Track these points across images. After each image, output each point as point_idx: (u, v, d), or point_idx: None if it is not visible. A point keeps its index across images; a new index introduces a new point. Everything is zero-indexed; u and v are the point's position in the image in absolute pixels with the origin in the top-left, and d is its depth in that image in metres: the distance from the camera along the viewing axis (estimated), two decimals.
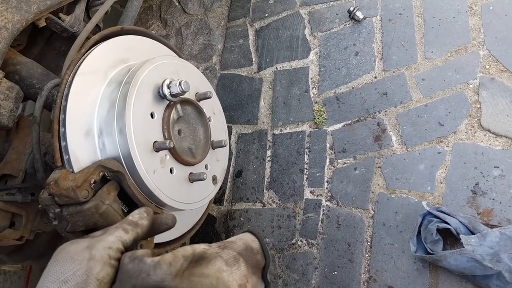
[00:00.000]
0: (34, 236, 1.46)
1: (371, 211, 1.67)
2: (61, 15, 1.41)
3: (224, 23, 2.55)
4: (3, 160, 1.30)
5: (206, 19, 2.63)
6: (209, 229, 2.02)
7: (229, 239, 0.79)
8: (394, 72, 1.84)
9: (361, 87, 1.89)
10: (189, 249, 0.68)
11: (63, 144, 0.96)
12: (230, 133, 2.16)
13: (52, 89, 1.11)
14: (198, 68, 2.45)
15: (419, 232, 1.48)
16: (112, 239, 0.65)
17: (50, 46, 1.67)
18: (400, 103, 1.77)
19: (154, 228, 0.78)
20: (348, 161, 1.79)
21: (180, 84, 1.06)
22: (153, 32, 2.64)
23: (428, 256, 1.42)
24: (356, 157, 1.78)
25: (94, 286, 0.58)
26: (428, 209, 1.50)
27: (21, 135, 1.35)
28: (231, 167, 2.10)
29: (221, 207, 2.05)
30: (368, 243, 1.63)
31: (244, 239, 0.78)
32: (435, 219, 1.44)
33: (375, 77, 1.87)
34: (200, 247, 0.70)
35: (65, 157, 0.96)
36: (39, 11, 1.21)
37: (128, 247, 0.68)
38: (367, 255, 1.62)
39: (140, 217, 0.74)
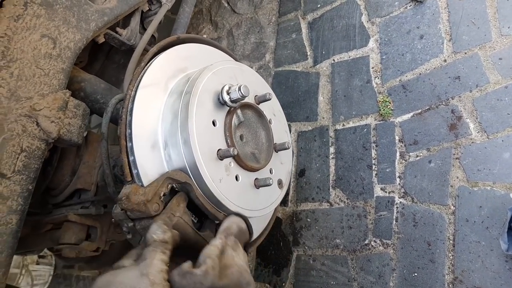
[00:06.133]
0: (110, 246, 1.52)
1: (452, 207, 1.53)
2: (118, 29, 1.45)
3: (275, 19, 2.49)
4: (75, 175, 1.36)
5: (256, 17, 2.59)
6: (276, 231, 1.99)
7: (225, 225, 0.91)
8: (466, 53, 1.68)
9: (429, 73, 1.75)
10: (215, 250, 0.79)
11: (131, 158, 0.96)
12: (289, 132, 2.10)
13: (116, 105, 1.12)
14: (251, 67, 2.43)
15: (509, 228, 1.34)
16: (159, 263, 0.72)
17: (110, 60, 1.72)
18: (475, 87, 1.61)
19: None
20: (421, 154, 1.66)
21: (239, 89, 1.03)
22: (207, 37, 2.66)
23: None
24: (430, 149, 1.65)
25: None
26: None
27: (90, 149, 1.40)
28: (293, 166, 2.04)
29: (286, 208, 2.00)
30: (451, 242, 1.50)
31: (236, 223, 0.91)
32: None
33: (445, 61, 1.72)
34: (216, 243, 0.81)
35: (134, 172, 0.96)
36: (97, 28, 1.23)
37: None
38: (450, 255, 1.49)
39: (162, 231, 0.80)
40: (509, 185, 1.43)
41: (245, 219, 0.94)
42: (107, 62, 1.72)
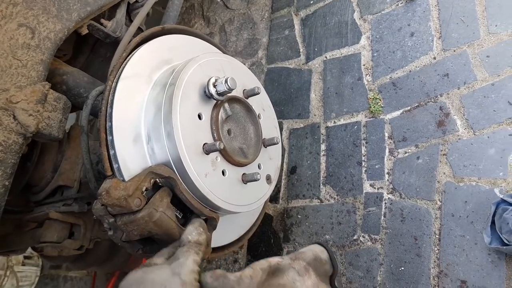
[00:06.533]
0: (95, 244, 1.48)
1: (438, 202, 1.53)
2: (102, 21, 1.40)
3: (268, 15, 2.47)
4: (57, 171, 1.32)
5: (249, 12, 2.56)
6: (267, 228, 1.96)
7: (299, 250, 0.85)
8: (455, 51, 1.67)
9: (419, 70, 1.73)
10: (264, 263, 0.75)
11: (111, 152, 0.93)
12: (281, 129, 2.08)
13: (97, 97, 1.09)
14: (244, 64, 2.40)
15: (493, 222, 1.35)
16: (192, 263, 0.70)
17: (95, 53, 1.68)
18: (463, 84, 1.60)
19: None
20: (409, 150, 1.65)
21: (226, 81, 1.00)
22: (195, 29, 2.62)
23: (504, 247, 1.30)
24: (418, 145, 1.63)
25: None
26: (501, 196, 1.37)
27: (73, 145, 1.36)
28: (284, 163, 2.02)
29: (277, 205, 1.98)
30: (437, 236, 1.50)
31: (313, 250, 0.83)
32: (511, 207, 1.30)
33: (434, 58, 1.71)
34: (274, 260, 0.77)
35: (115, 166, 0.93)
36: (80, 18, 1.19)
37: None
38: (436, 249, 1.49)
39: (198, 233, 0.79)
40: (493, 181, 1.44)
41: (327, 249, 0.88)
42: (92, 56, 1.67)
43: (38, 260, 2.88)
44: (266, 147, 1.25)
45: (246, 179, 1.11)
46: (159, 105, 0.96)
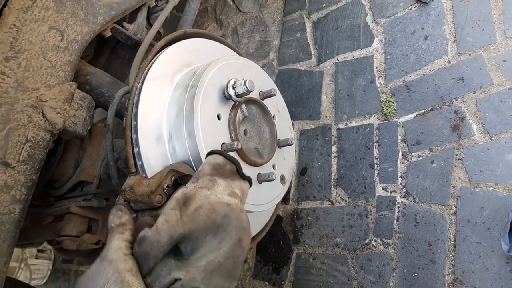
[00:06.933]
0: None
1: (453, 207, 1.54)
2: (124, 24, 1.45)
3: (280, 18, 2.50)
4: (79, 167, 1.36)
5: (261, 15, 2.60)
6: (276, 229, 1.99)
7: (197, 172, 0.82)
8: (470, 54, 1.68)
9: (433, 73, 1.75)
10: (172, 201, 0.74)
11: (136, 150, 0.97)
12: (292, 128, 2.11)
13: (122, 97, 1.13)
14: None
15: (511, 229, 1.34)
16: (117, 242, 0.70)
17: (115, 55, 1.73)
18: (479, 88, 1.62)
19: None
20: (423, 154, 1.67)
21: (245, 83, 1.03)
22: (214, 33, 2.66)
23: None
24: (433, 149, 1.65)
25: (129, 275, 0.63)
26: None
27: (94, 142, 1.41)
28: (294, 164, 2.05)
29: (287, 206, 2.01)
30: (452, 242, 1.50)
31: (207, 162, 0.81)
32: None
33: (449, 62, 1.73)
34: (179, 193, 0.75)
35: (139, 163, 0.97)
36: (105, 21, 1.24)
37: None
38: (451, 255, 1.49)
39: (118, 216, 0.78)
40: (511, 187, 1.44)
41: (219, 153, 0.83)
42: (112, 57, 1.73)
43: (50, 254, 2.95)
44: (280, 148, 1.28)
45: (261, 179, 1.14)
46: (181, 105, 1.00)
